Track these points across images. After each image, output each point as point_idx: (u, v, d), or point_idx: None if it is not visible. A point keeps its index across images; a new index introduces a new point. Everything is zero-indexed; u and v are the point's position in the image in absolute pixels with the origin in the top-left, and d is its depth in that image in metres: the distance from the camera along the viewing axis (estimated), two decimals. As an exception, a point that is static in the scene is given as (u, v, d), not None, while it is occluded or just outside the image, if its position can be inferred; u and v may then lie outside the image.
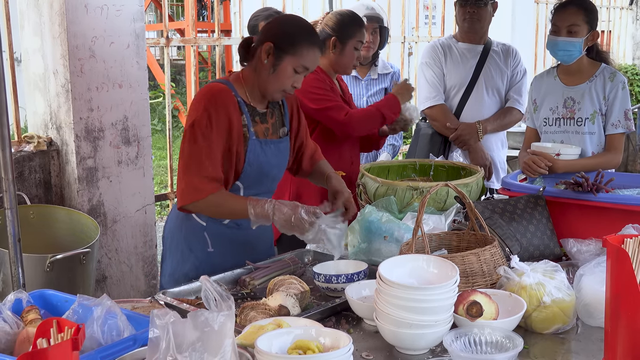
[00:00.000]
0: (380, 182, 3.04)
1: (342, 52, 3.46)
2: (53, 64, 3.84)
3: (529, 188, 2.97)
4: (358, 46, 3.45)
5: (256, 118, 2.72)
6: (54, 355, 1.42)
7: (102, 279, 4.06)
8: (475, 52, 4.09)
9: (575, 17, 3.22)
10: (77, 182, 3.86)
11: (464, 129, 3.96)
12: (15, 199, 2.57)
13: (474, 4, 3.97)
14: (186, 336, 1.60)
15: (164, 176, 9.56)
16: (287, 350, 1.76)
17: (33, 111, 4.09)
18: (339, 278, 2.43)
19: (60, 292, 2.16)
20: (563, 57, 3.29)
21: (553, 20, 3.30)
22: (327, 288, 2.46)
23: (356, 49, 3.45)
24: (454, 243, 2.53)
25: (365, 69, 4.28)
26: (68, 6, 3.69)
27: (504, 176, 3.32)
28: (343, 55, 3.46)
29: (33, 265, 3.20)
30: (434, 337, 1.97)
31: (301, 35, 2.64)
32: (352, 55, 3.45)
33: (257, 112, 2.73)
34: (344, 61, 3.47)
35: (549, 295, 2.11)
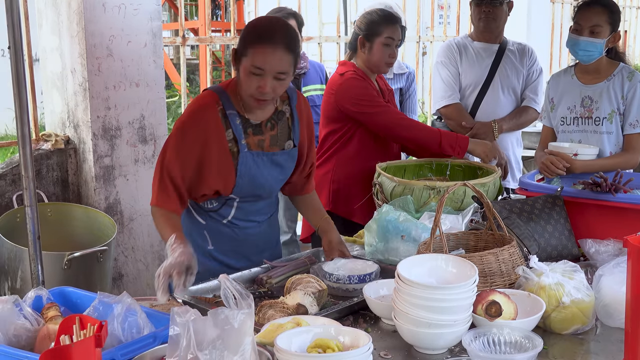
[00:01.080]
0: (397, 181, 3.03)
1: (371, 50, 3.48)
2: (71, 62, 3.86)
3: (547, 188, 2.96)
4: (389, 43, 3.46)
5: (248, 130, 2.63)
6: (77, 352, 1.43)
7: (119, 277, 4.08)
8: (491, 51, 4.08)
9: (599, 17, 3.20)
10: (94, 181, 3.89)
11: (479, 128, 3.95)
12: (35, 197, 2.59)
13: (489, 3, 3.95)
14: (206, 334, 1.60)
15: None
16: (307, 348, 1.77)
17: (51, 110, 4.11)
18: (352, 279, 2.42)
19: (80, 290, 2.18)
20: (583, 57, 3.27)
21: (576, 19, 3.27)
22: (338, 288, 2.45)
23: (387, 45, 3.46)
24: (472, 243, 2.53)
25: None
26: (86, 5, 3.72)
27: (522, 176, 3.31)
28: (372, 54, 3.48)
29: (51, 262, 3.23)
30: (453, 337, 1.97)
31: (251, 34, 2.52)
32: (381, 52, 3.46)
33: (251, 123, 2.64)
34: (374, 59, 3.49)
35: (568, 296, 2.10)
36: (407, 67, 4.45)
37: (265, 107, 2.62)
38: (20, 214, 3.63)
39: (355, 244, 2.95)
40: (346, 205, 3.56)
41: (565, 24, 8.34)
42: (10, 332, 1.90)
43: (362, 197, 3.46)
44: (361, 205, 3.48)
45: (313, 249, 2.90)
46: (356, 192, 3.52)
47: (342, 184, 3.57)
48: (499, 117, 4.01)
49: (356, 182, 3.53)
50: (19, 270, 3.40)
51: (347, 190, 3.56)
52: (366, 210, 3.40)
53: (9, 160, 3.96)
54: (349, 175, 3.55)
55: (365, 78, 3.51)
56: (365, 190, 3.43)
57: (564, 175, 3.14)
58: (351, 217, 3.54)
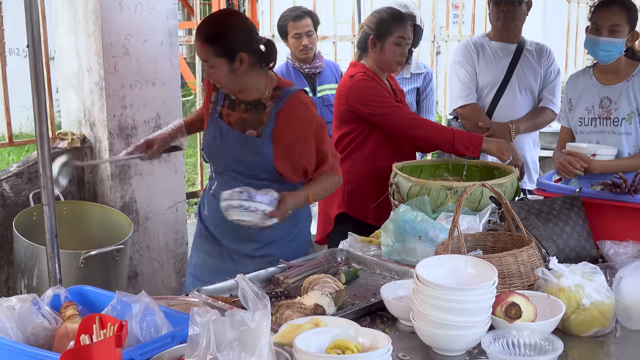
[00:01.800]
0: (414, 181, 3.02)
1: (382, 50, 3.47)
2: (87, 61, 3.87)
3: (565, 189, 2.94)
4: (399, 42, 3.44)
5: (226, 102, 2.98)
6: (98, 351, 1.43)
7: (134, 276, 4.09)
8: (509, 51, 4.05)
9: (617, 17, 3.17)
10: (110, 179, 3.90)
11: (496, 128, 3.92)
12: (52, 196, 2.59)
13: (508, 2, 3.92)
14: (225, 335, 1.60)
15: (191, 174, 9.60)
16: (326, 349, 1.76)
17: (67, 108, 4.13)
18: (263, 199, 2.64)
19: (98, 288, 2.18)
20: (603, 57, 3.24)
21: (594, 19, 3.24)
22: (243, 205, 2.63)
23: (398, 44, 3.45)
24: (490, 244, 2.51)
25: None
26: (102, 4, 3.72)
27: (540, 176, 3.29)
28: (383, 53, 3.47)
29: (67, 261, 3.23)
30: (472, 339, 1.95)
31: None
32: (392, 52, 3.45)
33: (229, 97, 2.97)
34: (385, 59, 3.48)
35: (588, 298, 2.08)
36: (424, 67, 4.42)
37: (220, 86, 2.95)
38: (36, 212, 3.64)
39: (371, 244, 2.94)
40: (360, 207, 3.55)
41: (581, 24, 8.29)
42: (29, 331, 1.90)
43: (376, 198, 3.45)
44: (375, 207, 3.47)
45: (329, 249, 2.89)
46: (370, 194, 3.51)
47: (356, 185, 3.55)
48: (516, 118, 3.98)
49: (370, 184, 3.51)
50: (35, 269, 3.41)
51: (361, 192, 3.55)
52: (380, 212, 3.40)
53: (25, 159, 3.98)
54: (363, 176, 3.54)
55: (376, 78, 3.49)
56: (380, 192, 3.42)
57: (582, 175, 3.12)
58: (365, 218, 3.52)
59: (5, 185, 3.77)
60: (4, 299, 1.91)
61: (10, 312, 1.88)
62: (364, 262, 2.73)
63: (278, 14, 4.78)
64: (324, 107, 4.58)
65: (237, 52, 2.78)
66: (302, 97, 2.93)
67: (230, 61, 2.79)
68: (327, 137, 2.98)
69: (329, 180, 2.96)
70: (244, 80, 2.86)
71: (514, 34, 4.05)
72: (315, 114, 2.96)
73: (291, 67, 4.62)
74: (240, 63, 2.80)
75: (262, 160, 2.89)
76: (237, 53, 2.78)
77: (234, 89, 2.91)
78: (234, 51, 2.77)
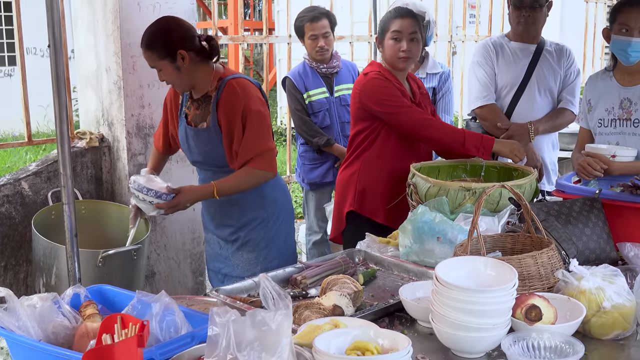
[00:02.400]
0: (432, 182, 3.01)
1: (383, 47, 3.48)
2: (106, 61, 3.89)
3: (584, 190, 2.91)
4: (396, 36, 3.41)
5: (188, 102, 3.24)
6: (120, 351, 1.44)
7: (151, 275, 4.11)
8: (528, 51, 4.02)
9: None
10: (128, 178, 3.90)
11: (515, 129, 3.90)
12: (72, 194, 2.60)
13: (530, 7, 3.88)
14: (245, 335, 1.60)
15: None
16: (345, 350, 1.75)
17: (85, 108, 4.15)
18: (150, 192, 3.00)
19: (117, 288, 2.19)
20: (634, 59, 3.19)
21: (620, 20, 3.17)
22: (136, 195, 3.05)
23: (395, 39, 3.41)
24: (509, 245, 2.50)
25: (412, 67, 4.25)
26: (121, 4, 3.74)
27: (559, 178, 3.26)
28: (384, 51, 3.48)
29: (85, 260, 3.24)
30: (492, 341, 1.94)
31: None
32: (391, 48, 3.43)
33: (192, 97, 3.22)
34: (387, 56, 3.47)
35: (609, 301, 2.07)
36: (442, 66, 4.41)
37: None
38: (55, 211, 3.67)
39: (389, 245, 2.93)
40: (371, 206, 3.54)
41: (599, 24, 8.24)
42: (49, 330, 1.91)
43: (387, 197, 3.44)
44: (387, 206, 3.46)
45: (347, 249, 2.88)
46: (382, 193, 3.49)
47: (367, 184, 3.53)
48: (535, 119, 3.96)
49: (383, 183, 3.50)
50: (54, 267, 3.43)
51: (372, 190, 3.53)
52: (392, 212, 3.40)
53: (44, 158, 4.00)
54: (375, 175, 3.52)
55: (390, 77, 3.47)
56: (392, 190, 3.41)
57: (601, 177, 3.09)
58: (376, 217, 3.51)
59: (24, 184, 3.80)
60: (24, 298, 1.92)
61: (32, 311, 1.89)
62: (381, 262, 2.73)
63: (294, 14, 4.77)
64: (340, 107, 4.58)
65: (177, 51, 3.03)
66: (235, 82, 3.10)
67: (172, 60, 3.05)
68: (257, 125, 3.09)
69: (249, 175, 3.13)
70: (192, 77, 3.12)
71: (533, 36, 4.02)
72: (246, 99, 3.09)
73: (308, 67, 4.62)
74: (183, 60, 3.05)
75: (214, 149, 3.15)
76: (176, 52, 3.03)
77: (186, 87, 3.17)
78: (173, 50, 3.03)
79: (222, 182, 3.13)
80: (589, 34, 8.24)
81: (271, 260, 3.29)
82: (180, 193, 3.07)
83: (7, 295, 1.86)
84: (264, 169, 3.13)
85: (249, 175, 3.12)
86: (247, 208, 3.25)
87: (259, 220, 3.27)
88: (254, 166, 3.10)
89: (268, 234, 3.29)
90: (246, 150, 3.09)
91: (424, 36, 4.22)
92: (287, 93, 4.64)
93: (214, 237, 3.39)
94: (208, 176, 3.27)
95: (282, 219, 3.35)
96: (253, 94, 3.13)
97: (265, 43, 5.42)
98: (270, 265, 3.23)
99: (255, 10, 20.81)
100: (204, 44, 3.13)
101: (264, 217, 3.28)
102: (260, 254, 3.29)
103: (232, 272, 3.32)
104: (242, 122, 3.08)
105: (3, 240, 3.75)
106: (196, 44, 3.10)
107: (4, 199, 3.72)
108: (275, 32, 11.70)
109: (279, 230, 3.33)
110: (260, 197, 3.24)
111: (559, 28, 8.05)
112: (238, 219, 3.27)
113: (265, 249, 3.29)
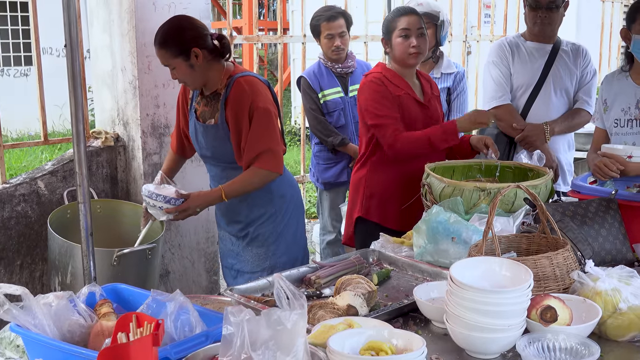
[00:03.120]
0: (446, 182, 3.00)
1: (392, 47, 3.45)
2: (121, 61, 3.90)
3: (600, 191, 2.90)
4: (405, 34, 3.39)
5: (198, 98, 3.29)
6: (135, 350, 1.44)
7: (165, 274, 4.12)
8: (544, 51, 3.99)
9: None
10: (143, 178, 3.93)
11: (530, 129, 3.88)
12: (88, 193, 2.62)
13: (546, 8, 3.85)
14: (259, 334, 1.60)
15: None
16: (359, 350, 1.75)
17: (101, 107, 4.17)
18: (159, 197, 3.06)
19: (132, 287, 2.19)
20: None
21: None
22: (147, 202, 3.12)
23: (404, 36, 3.40)
24: (524, 246, 2.48)
25: (427, 66, 4.24)
26: (137, 4, 3.76)
27: (574, 178, 3.24)
28: (393, 50, 3.45)
29: (100, 259, 3.26)
30: (506, 342, 1.94)
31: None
32: (400, 45, 3.41)
33: (202, 93, 3.26)
34: (397, 55, 3.45)
35: (625, 302, 2.05)
36: (456, 66, 4.39)
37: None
38: (70, 210, 3.69)
39: (403, 245, 2.93)
40: (380, 211, 3.52)
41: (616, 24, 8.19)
42: (65, 328, 1.92)
43: (396, 201, 3.43)
44: (396, 211, 3.45)
45: (361, 249, 2.88)
46: (392, 197, 3.47)
47: (375, 189, 3.52)
48: (550, 119, 3.93)
49: (390, 187, 3.47)
50: (69, 266, 3.45)
51: (380, 196, 3.51)
52: (402, 216, 3.39)
53: (60, 157, 4.03)
54: (382, 180, 3.50)
55: (391, 79, 3.43)
56: (400, 194, 3.40)
57: (617, 177, 3.07)
58: (385, 222, 3.49)
59: (40, 183, 3.82)
60: (40, 296, 1.93)
61: (47, 309, 1.90)
62: (395, 263, 2.73)
63: (309, 14, 4.78)
64: (355, 107, 4.58)
65: (191, 49, 3.07)
66: (243, 80, 3.13)
67: (186, 58, 3.09)
68: (263, 122, 3.11)
69: (255, 176, 3.16)
70: (205, 75, 3.16)
71: (550, 36, 3.99)
72: (253, 96, 3.11)
73: (323, 67, 4.62)
74: (196, 58, 3.09)
75: (222, 145, 3.20)
76: (190, 50, 3.07)
77: (198, 85, 3.21)
78: (187, 49, 3.07)
79: (229, 185, 3.18)
80: (605, 33, 8.19)
81: (280, 255, 3.33)
82: (190, 198, 3.14)
83: (23, 293, 1.87)
84: (268, 169, 3.15)
85: (255, 176, 3.15)
86: (255, 204, 3.29)
87: (267, 216, 3.31)
88: (259, 166, 3.13)
89: (276, 229, 3.33)
90: (251, 147, 3.12)
91: (438, 35, 4.21)
92: (302, 92, 4.65)
93: (226, 234, 3.44)
94: (217, 172, 3.33)
95: (291, 214, 3.38)
96: (261, 92, 3.15)
97: (280, 43, 5.42)
98: (279, 261, 3.30)
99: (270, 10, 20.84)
100: (216, 42, 3.18)
101: (272, 212, 3.32)
102: (269, 249, 3.33)
103: (244, 268, 3.36)
104: (249, 119, 3.11)
105: (19, 238, 3.77)
106: (209, 43, 3.15)
107: (20, 198, 3.75)
108: (290, 32, 11.71)
109: (288, 225, 3.36)
110: (268, 193, 3.28)
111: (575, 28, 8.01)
112: (247, 215, 3.32)
113: (274, 244, 3.33)
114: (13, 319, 1.86)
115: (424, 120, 3.48)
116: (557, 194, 3.69)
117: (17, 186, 3.74)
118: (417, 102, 3.49)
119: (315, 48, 4.78)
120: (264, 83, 3.23)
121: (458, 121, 3.38)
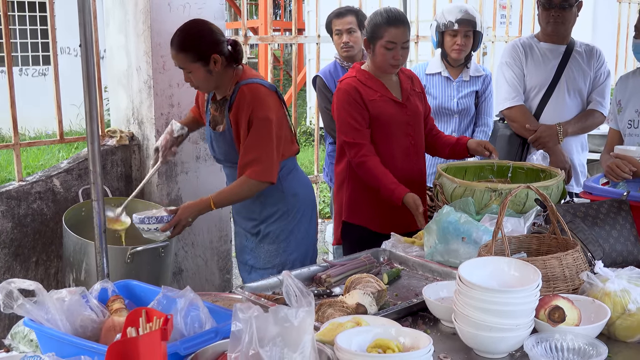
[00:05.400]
0: (458, 182, 3.01)
1: (374, 52, 3.35)
2: (136, 60, 3.94)
3: (612, 192, 2.89)
4: (389, 46, 3.28)
5: (210, 102, 3.35)
6: (144, 344, 1.46)
7: (179, 272, 4.15)
8: (558, 52, 3.99)
9: None
10: (157, 177, 3.96)
11: (543, 130, 3.87)
12: (102, 191, 2.65)
13: (559, 7, 3.85)
14: (267, 331, 1.61)
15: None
16: (367, 348, 1.77)
17: (116, 106, 4.20)
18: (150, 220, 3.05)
19: (144, 283, 2.22)
20: None
21: None
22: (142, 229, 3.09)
23: (387, 48, 3.28)
24: (534, 246, 2.49)
25: (457, 70, 4.22)
26: (152, 4, 3.79)
27: (586, 179, 3.24)
28: (375, 56, 3.35)
29: (114, 256, 3.29)
30: (514, 342, 1.94)
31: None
32: (382, 56, 3.31)
33: (215, 98, 3.32)
34: (377, 62, 3.36)
35: (635, 303, 2.05)
36: (484, 69, 4.36)
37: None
38: (85, 207, 3.73)
39: (414, 245, 2.94)
40: (362, 214, 3.50)
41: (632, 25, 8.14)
42: (77, 323, 1.95)
43: (378, 205, 3.39)
44: (376, 214, 3.43)
45: (372, 249, 2.89)
46: (371, 200, 3.42)
47: (356, 193, 3.49)
48: (564, 120, 3.93)
49: (371, 190, 3.37)
50: (83, 263, 3.49)
51: (362, 199, 3.48)
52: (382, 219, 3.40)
53: (75, 156, 4.07)
54: (362, 183, 3.43)
55: (358, 88, 3.34)
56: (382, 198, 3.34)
57: (630, 179, 3.06)
58: (368, 225, 3.48)
59: (56, 181, 3.86)
60: (54, 292, 1.95)
61: (60, 304, 1.93)
62: (406, 262, 2.74)
63: (324, 14, 4.78)
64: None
65: (211, 55, 3.10)
66: (246, 88, 3.14)
67: (205, 64, 3.12)
68: (259, 132, 3.11)
69: (244, 185, 3.17)
70: (219, 80, 3.20)
71: (563, 36, 3.98)
72: (254, 105, 3.11)
73: (339, 66, 4.62)
74: (215, 64, 3.12)
75: (231, 150, 3.27)
76: (210, 56, 3.10)
77: (210, 89, 3.27)
78: (207, 55, 3.10)
79: (219, 194, 3.22)
80: (621, 34, 8.14)
81: (290, 252, 3.37)
82: (179, 211, 3.15)
83: (36, 288, 1.90)
84: (257, 179, 3.15)
85: (244, 185, 3.17)
86: (267, 202, 3.33)
87: (280, 214, 3.35)
88: (248, 175, 3.15)
89: (288, 226, 3.36)
90: (243, 156, 3.17)
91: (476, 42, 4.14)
92: (317, 91, 4.65)
93: (241, 230, 3.49)
94: (230, 172, 3.40)
95: (303, 213, 3.41)
96: (263, 100, 3.14)
97: (294, 43, 5.44)
98: (289, 258, 3.34)
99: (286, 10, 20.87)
100: (230, 48, 3.21)
101: (284, 210, 3.35)
102: (280, 246, 3.37)
103: (257, 264, 3.42)
104: (247, 129, 3.14)
105: (35, 235, 3.82)
106: (226, 49, 3.18)
107: (36, 196, 3.79)
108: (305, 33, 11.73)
109: (300, 223, 3.40)
110: (280, 191, 3.32)
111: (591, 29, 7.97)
112: (260, 212, 3.37)
113: (285, 241, 3.37)
114: (27, 314, 1.88)
115: (401, 119, 3.42)
116: (570, 195, 3.69)
117: (33, 184, 3.78)
118: (394, 101, 3.42)
119: (330, 48, 4.79)
120: (269, 89, 3.22)
121: (406, 195, 3.21)
